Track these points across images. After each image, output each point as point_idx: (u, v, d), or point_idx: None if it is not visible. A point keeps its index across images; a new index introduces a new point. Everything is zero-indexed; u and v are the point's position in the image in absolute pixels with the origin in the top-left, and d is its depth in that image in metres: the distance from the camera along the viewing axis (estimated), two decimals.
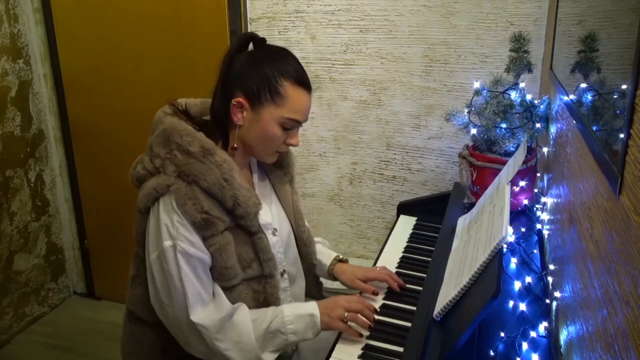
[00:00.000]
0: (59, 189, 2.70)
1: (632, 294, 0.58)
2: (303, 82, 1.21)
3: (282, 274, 1.33)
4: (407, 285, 1.43)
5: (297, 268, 1.41)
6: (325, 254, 1.51)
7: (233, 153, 1.24)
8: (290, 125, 1.22)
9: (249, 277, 1.23)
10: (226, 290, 1.21)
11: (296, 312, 1.22)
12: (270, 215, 1.31)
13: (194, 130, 1.18)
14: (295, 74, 1.20)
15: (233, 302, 1.21)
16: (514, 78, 1.63)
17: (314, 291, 1.51)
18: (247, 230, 1.21)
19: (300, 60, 1.26)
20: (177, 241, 1.13)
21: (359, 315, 1.23)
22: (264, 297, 1.25)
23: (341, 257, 1.51)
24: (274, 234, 1.30)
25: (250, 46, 1.25)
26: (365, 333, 1.23)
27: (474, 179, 1.67)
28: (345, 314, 1.22)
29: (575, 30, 1.18)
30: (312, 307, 1.23)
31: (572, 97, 1.11)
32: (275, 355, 1.21)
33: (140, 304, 1.27)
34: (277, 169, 1.39)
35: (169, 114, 1.23)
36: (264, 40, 1.25)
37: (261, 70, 1.18)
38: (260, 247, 1.22)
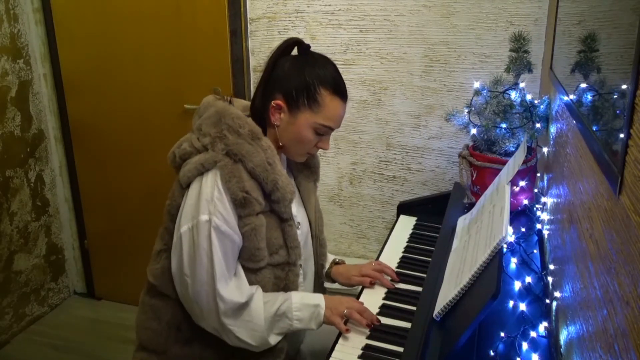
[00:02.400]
0: (59, 189, 2.70)
1: (632, 294, 0.58)
2: (340, 92, 1.28)
3: (299, 267, 1.35)
4: (407, 286, 1.43)
5: (310, 266, 1.45)
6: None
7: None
8: (323, 131, 1.28)
9: (275, 263, 1.27)
10: (252, 272, 1.25)
11: (303, 301, 1.26)
12: (295, 210, 1.35)
13: (244, 115, 1.25)
14: (333, 83, 1.26)
15: (256, 284, 1.25)
16: (514, 78, 1.63)
17: (317, 292, 1.52)
18: (280, 216, 1.26)
19: None
20: (213, 216, 1.17)
21: (356, 313, 1.25)
22: (285, 284, 1.30)
23: (337, 259, 1.55)
24: (297, 227, 1.34)
25: (295, 51, 1.31)
26: (363, 331, 1.24)
27: (474, 179, 1.67)
28: (345, 311, 1.25)
29: (575, 30, 1.18)
30: (318, 299, 1.28)
31: (572, 97, 1.11)
32: (279, 338, 1.26)
33: (167, 277, 1.29)
34: (305, 169, 1.44)
35: (219, 99, 1.30)
36: (308, 46, 1.30)
37: (302, 76, 1.24)
38: (289, 234, 1.28)
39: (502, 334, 1.11)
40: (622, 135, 0.65)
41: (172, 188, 1.28)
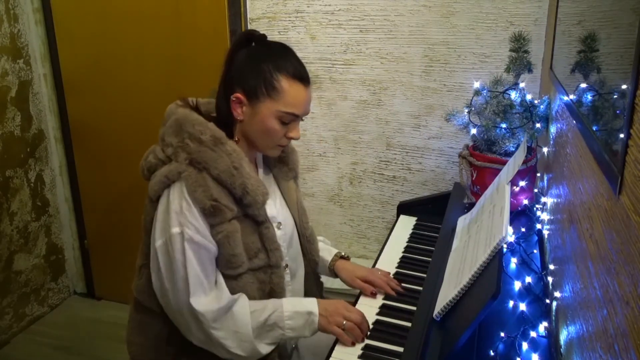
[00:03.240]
0: (59, 189, 2.70)
1: (632, 294, 0.57)
2: (299, 76, 1.22)
3: (284, 268, 1.34)
4: (407, 285, 1.43)
5: (298, 264, 1.43)
6: (326, 250, 1.52)
7: (242, 148, 1.26)
8: (288, 120, 1.23)
9: (255, 267, 1.25)
10: (232, 279, 1.22)
11: (295, 309, 1.23)
12: (275, 210, 1.33)
13: (205, 120, 1.20)
14: (291, 68, 1.21)
15: (239, 291, 1.23)
16: (514, 78, 1.63)
17: (314, 290, 1.51)
18: (255, 219, 1.23)
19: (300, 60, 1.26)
20: (184, 228, 1.15)
21: (357, 327, 1.22)
22: (270, 288, 1.27)
23: (343, 254, 1.52)
24: (278, 228, 1.32)
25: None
26: (358, 344, 1.21)
27: (474, 179, 1.67)
28: (344, 322, 1.22)
29: (575, 30, 1.18)
30: (311, 305, 1.24)
31: (572, 97, 1.11)
32: (271, 348, 1.23)
33: (148, 292, 1.28)
34: (282, 165, 1.41)
35: (181, 106, 1.26)
36: (264, 36, 1.26)
37: (258, 66, 1.20)
38: (267, 237, 1.25)
39: (502, 334, 1.11)
40: (622, 135, 0.65)
41: (144, 202, 1.26)
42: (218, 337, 1.18)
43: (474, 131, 1.66)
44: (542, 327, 1.13)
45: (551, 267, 1.26)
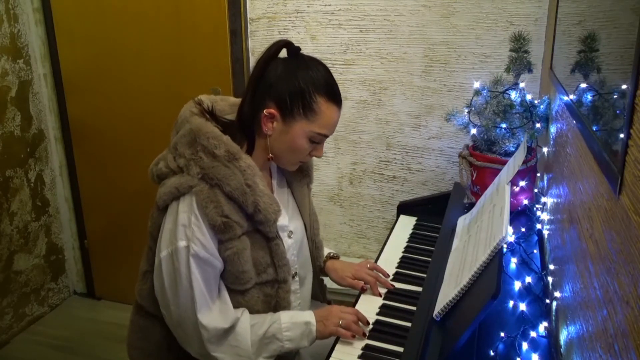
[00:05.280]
0: (59, 189, 2.70)
1: (632, 294, 0.58)
2: (336, 97, 1.22)
3: (293, 277, 1.33)
4: (407, 286, 1.43)
5: (307, 270, 1.42)
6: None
7: (260, 158, 1.24)
8: (319, 140, 1.23)
9: (263, 282, 1.24)
10: (239, 293, 1.22)
11: (293, 320, 1.23)
12: (287, 218, 1.32)
13: (221, 133, 1.17)
14: (329, 89, 1.20)
15: (245, 306, 1.23)
16: (514, 78, 1.63)
17: (318, 294, 1.52)
18: (265, 235, 1.22)
19: None
20: (191, 243, 1.14)
21: (353, 324, 1.23)
22: (276, 301, 1.27)
23: (332, 254, 1.52)
24: (289, 237, 1.31)
25: (283, 52, 1.24)
26: (359, 341, 1.22)
27: (474, 179, 1.67)
28: (340, 322, 1.23)
29: (575, 30, 1.18)
30: (308, 316, 1.25)
31: (572, 97, 1.11)
32: None
33: (152, 299, 1.27)
34: (297, 172, 1.39)
35: (196, 114, 1.22)
36: (298, 49, 1.24)
37: (296, 83, 1.18)
38: (276, 253, 1.23)
39: (502, 334, 1.11)
40: (622, 135, 0.65)
41: (151, 208, 1.24)
42: (215, 353, 1.19)
43: (474, 131, 1.66)
44: (542, 327, 1.13)
45: (551, 267, 1.27)
